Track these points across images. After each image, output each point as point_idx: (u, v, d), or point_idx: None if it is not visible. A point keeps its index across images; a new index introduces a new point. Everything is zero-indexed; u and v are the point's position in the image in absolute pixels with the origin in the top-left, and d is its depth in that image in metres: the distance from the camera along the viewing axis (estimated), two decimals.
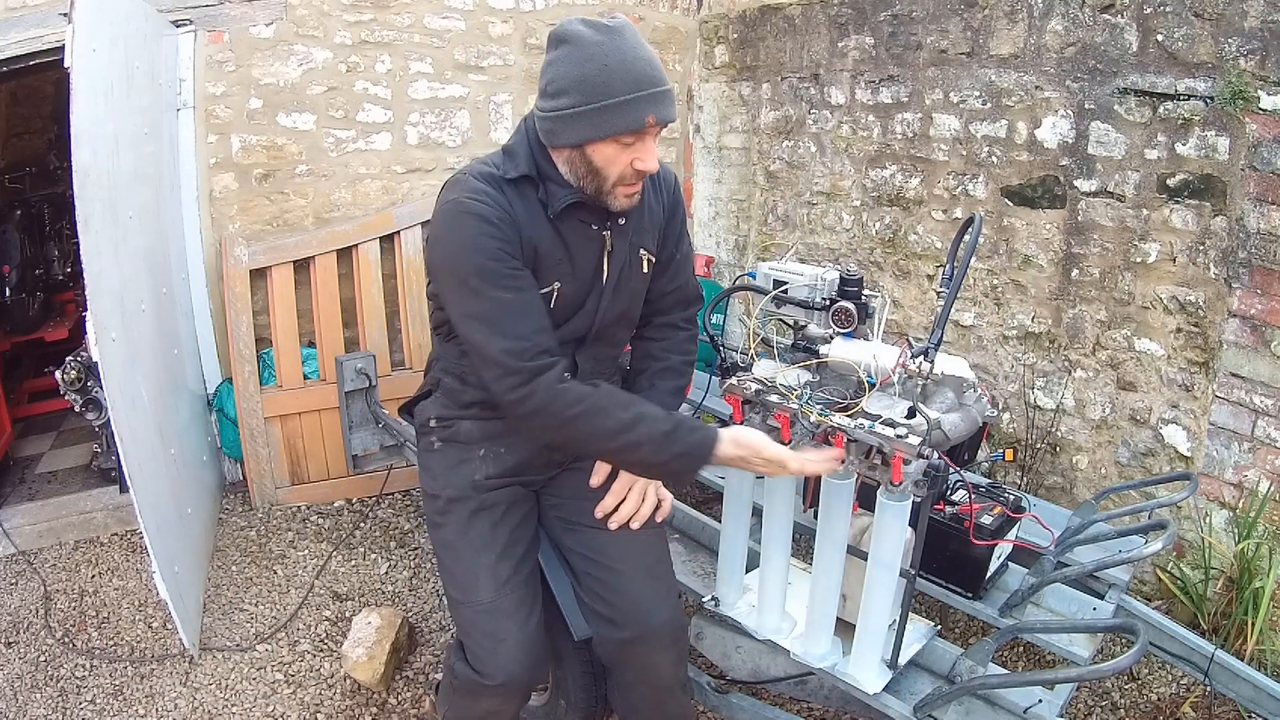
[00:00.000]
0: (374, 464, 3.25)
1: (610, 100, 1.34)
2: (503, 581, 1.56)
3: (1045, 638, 1.75)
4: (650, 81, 1.36)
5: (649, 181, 1.63)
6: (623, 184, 1.45)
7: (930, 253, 3.08)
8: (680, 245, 1.72)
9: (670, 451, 1.43)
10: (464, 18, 3.37)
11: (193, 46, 2.96)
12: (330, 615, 2.55)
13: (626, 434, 1.43)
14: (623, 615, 1.57)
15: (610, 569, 1.59)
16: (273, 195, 3.19)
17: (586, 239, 1.54)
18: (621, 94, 1.34)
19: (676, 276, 1.73)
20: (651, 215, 1.63)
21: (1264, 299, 2.21)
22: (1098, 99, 2.48)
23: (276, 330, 3.10)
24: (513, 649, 1.52)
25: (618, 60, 1.34)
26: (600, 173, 1.43)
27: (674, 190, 1.70)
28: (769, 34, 3.52)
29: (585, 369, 1.61)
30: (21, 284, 3.78)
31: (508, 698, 1.56)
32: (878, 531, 1.45)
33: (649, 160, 1.42)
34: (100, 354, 1.95)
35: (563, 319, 1.55)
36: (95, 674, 2.27)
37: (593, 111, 1.35)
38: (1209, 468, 2.39)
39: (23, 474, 3.36)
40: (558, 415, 1.43)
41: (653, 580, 1.60)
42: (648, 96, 1.36)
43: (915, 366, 1.48)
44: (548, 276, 1.50)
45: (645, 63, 1.37)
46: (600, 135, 1.37)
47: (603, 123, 1.36)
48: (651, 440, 1.43)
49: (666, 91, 1.39)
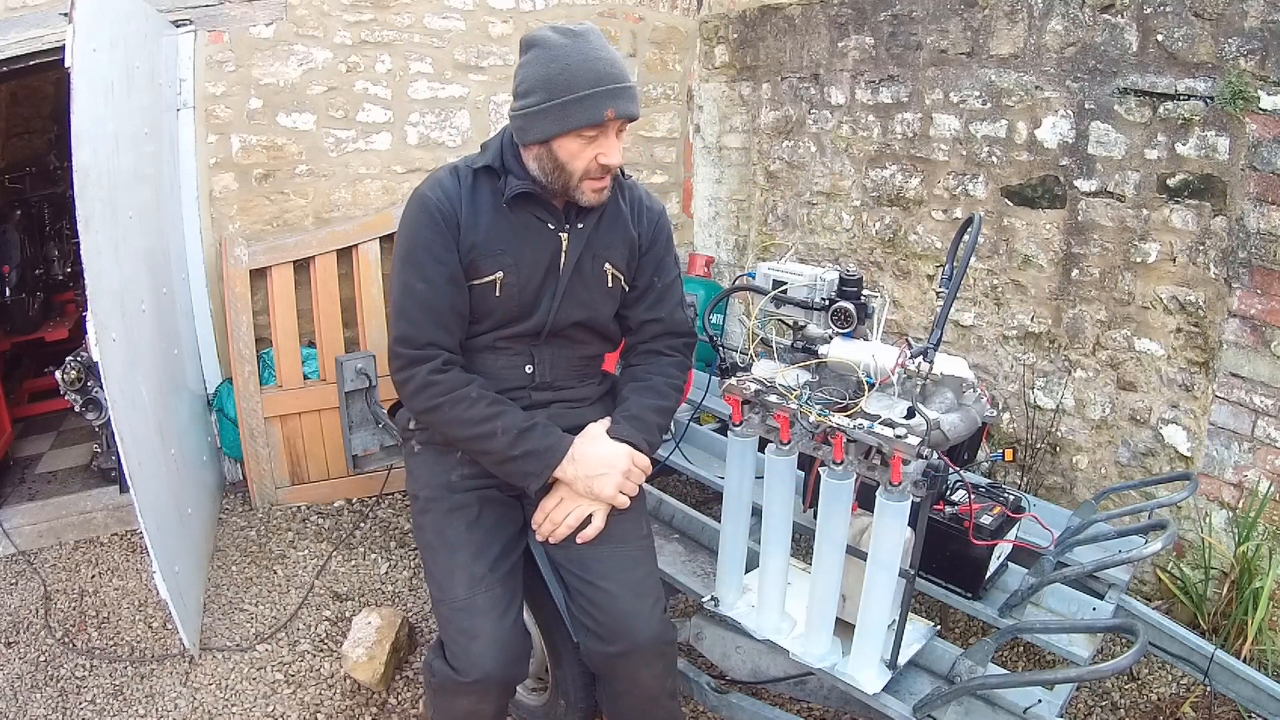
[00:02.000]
0: (374, 464, 3.26)
1: (571, 95, 1.44)
2: (477, 580, 1.57)
3: (1045, 638, 1.75)
4: (610, 78, 1.46)
5: (629, 205, 1.70)
6: (588, 178, 1.53)
7: (930, 253, 3.08)
8: (662, 275, 1.76)
9: (520, 448, 1.55)
10: (464, 18, 3.37)
11: (193, 46, 2.96)
12: (330, 615, 2.55)
13: (485, 424, 1.54)
14: (609, 631, 1.58)
15: (596, 586, 1.60)
16: (273, 195, 3.19)
17: (540, 236, 1.61)
18: (582, 89, 1.44)
19: (658, 307, 1.76)
20: (624, 234, 1.69)
21: (1264, 299, 2.21)
22: (1098, 99, 2.48)
23: (276, 330, 3.10)
24: (486, 646, 1.53)
25: (580, 60, 1.45)
26: (565, 167, 1.51)
27: (658, 220, 1.76)
28: (769, 34, 3.52)
29: (543, 364, 1.67)
30: (21, 284, 3.78)
31: (484, 696, 1.56)
32: (877, 531, 1.45)
33: (612, 154, 1.51)
34: (100, 354, 1.95)
35: (515, 312, 1.62)
36: (95, 674, 2.27)
37: (556, 107, 1.45)
38: (1209, 468, 2.39)
39: (23, 474, 3.36)
40: (426, 401, 1.56)
41: (638, 596, 1.60)
42: (607, 92, 1.45)
43: (915, 366, 1.48)
44: (490, 265, 1.58)
45: (606, 62, 1.47)
46: (563, 129, 1.47)
47: (565, 117, 1.45)
48: (506, 433, 1.55)
49: (627, 88, 1.48)
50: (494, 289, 1.58)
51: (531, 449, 1.56)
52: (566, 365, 1.70)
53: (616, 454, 1.61)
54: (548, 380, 1.68)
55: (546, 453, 1.58)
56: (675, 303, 1.79)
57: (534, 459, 1.57)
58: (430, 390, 1.55)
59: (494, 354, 1.65)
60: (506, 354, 1.65)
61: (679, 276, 1.81)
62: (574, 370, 1.72)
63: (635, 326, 1.77)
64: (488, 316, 1.61)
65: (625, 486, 1.61)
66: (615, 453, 1.61)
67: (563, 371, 1.70)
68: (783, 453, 1.57)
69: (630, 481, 1.62)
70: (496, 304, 1.60)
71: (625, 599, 1.58)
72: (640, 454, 1.64)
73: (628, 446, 1.63)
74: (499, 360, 1.65)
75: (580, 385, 1.73)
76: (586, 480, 1.59)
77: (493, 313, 1.61)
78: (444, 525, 1.63)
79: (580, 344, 1.71)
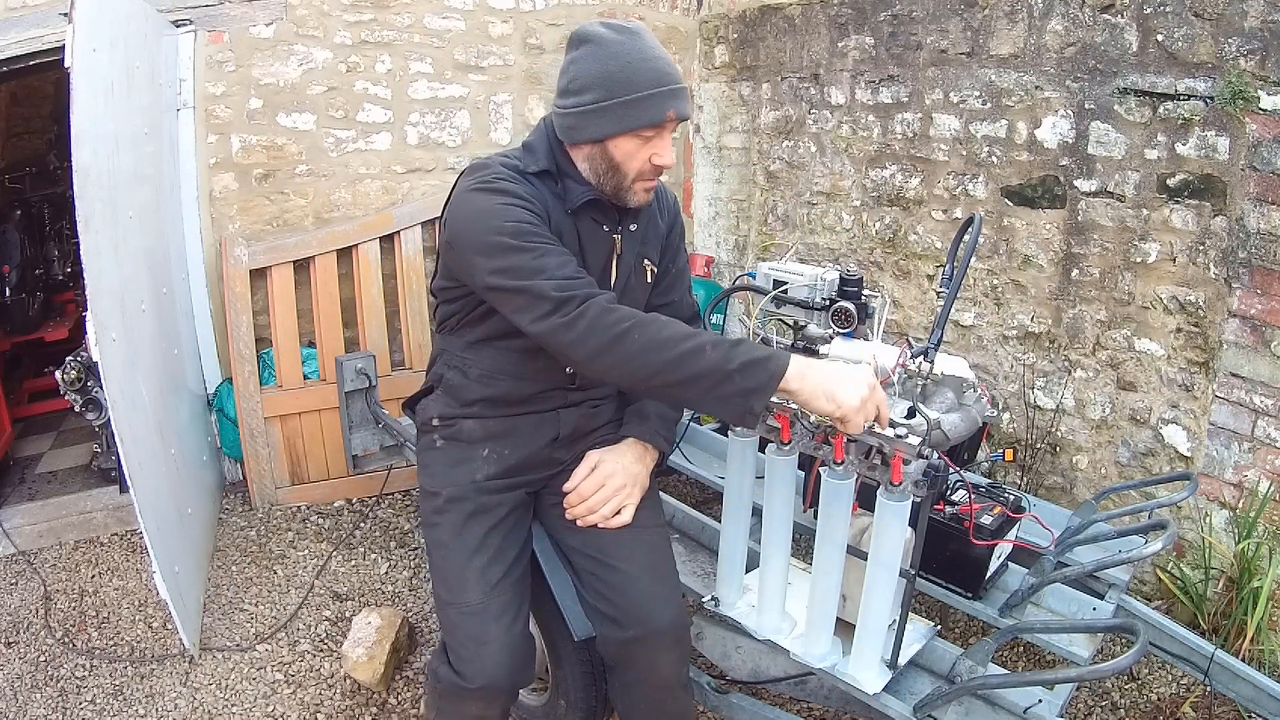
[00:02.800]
0: (374, 464, 3.25)
1: (633, 95, 1.40)
2: (492, 585, 1.56)
3: (1045, 638, 1.75)
4: (670, 78, 1.44)
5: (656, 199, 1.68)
6: (641, 179, 1.50)
7: (930, 253, 3.08)
8: (677, 260, 1.77)
9: (737, 360, 1.29)
10: (464, 18, 3.37)
11: (193, 46, 2.96)
12: (330, 615, 2.55)
13: (688, 341, 1.31)
14: (626, 615, 1.56)
15: (614, 568, 1.59)
16: (273, 195, 3.19)
17: (598, 239, 1.58)
18: (644, 89, 1.40)
19: (670, 291, 1.77)
20: (656, 229, 1.69)
21: (1264, 299, 2.21)
22: (1098, 99, 2.48)
23: (276, 330, 3.10)
24: (496, 652, 1.52)
25: (639, 58, 1.41)
26: (620, 168, 1.48)
27: (674, 208, 1.77)
28: (769, 34, 3.52)
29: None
30: (21, 284, 3.78)
31: (490, 702, 1.55)
32: (878, 531, 1.45)
33: (666, 154, 1.47)
34: (101, 354, 1.95)
35: None
36: (95, 674, 2.27)
37: (617, 106, 1.41)
38: (1209, 468, 2.39)
39: (23, 474, 3.36)
40: (613, 329, 1.33)
41: (657, 580, 1.59)
42: (669, 92, 1.43)
43: (915, 366, 1.49)
44: None
45: (664, 61, 1.44)
46: (623, 129, 1.43)
47: (626, 116, 1.42)
48: (716, 346, 1.30)
49: (684, 89, 1.46)
50: None
51: (750, 359, 1.30)
52: None
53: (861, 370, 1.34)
54: (585, 381, 1.65)
55: (769, 360, 1.30)
56: (686, 286, 1.81)
57: (757, 369, 1.29)
58: (613, 316, 1.34)
59: (533, 356, 1.57)
60: (546, 355, 1.53)
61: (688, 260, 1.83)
62: None
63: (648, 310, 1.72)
64: None
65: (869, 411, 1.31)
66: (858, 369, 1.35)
67: None
68: (783, 453, 1.56)
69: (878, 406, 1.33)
70: None
71: (644, 581, 1.57)
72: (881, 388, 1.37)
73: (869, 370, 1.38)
74: (538, 362, 1.59)
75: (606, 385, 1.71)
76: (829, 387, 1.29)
77: None
78: (463, 527, 1.61)
79: None
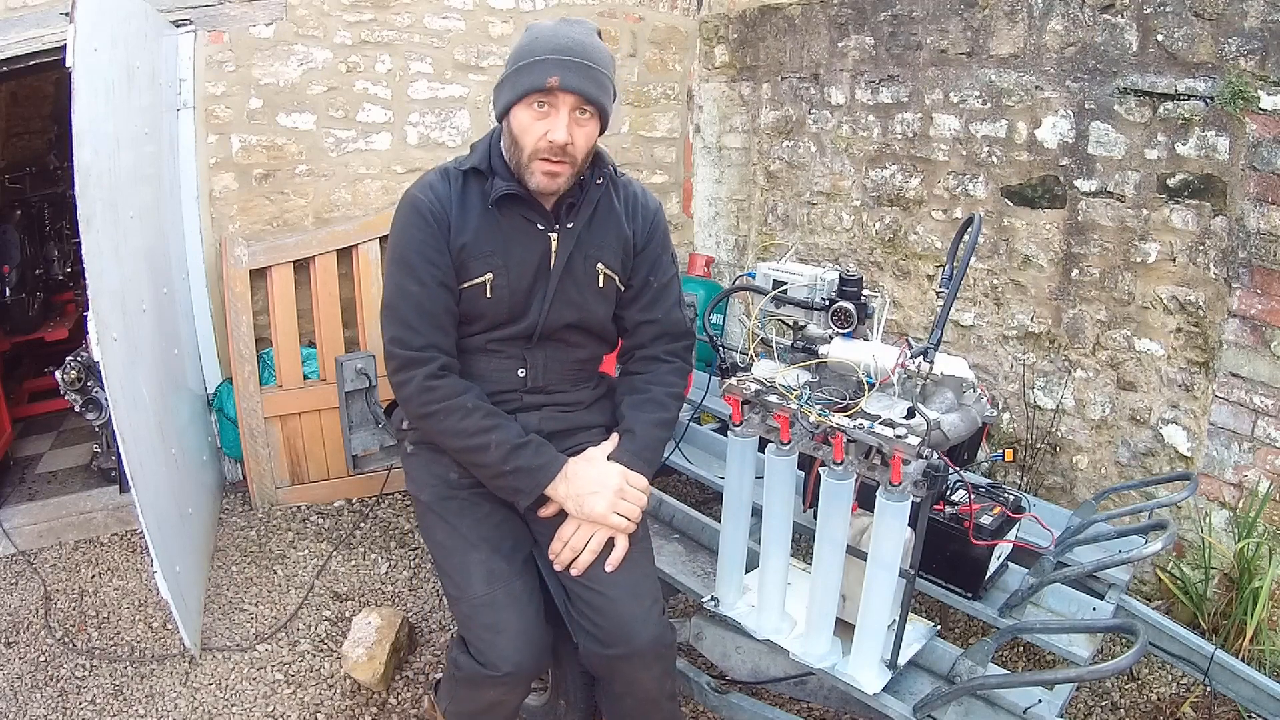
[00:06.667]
0: (374, 464, 3.26)
1: (524, 61, 1.46)
2: (495, 575, 1.58)
3: (1045, 638, 1.75)
4: (565, 50, 1.44)
5: (624, 203, 1.68)
6: (538, 157, 1.50)
7: (930, 253, 3.08)
8: (658, 274, 1.72)
9: (512, 464, 1.53)
10: (464, 18, 3.37)
11: (193, 46, 2.96)
12: (330, 615, 2.55)
13: (478, 436, 1.53)
14: (608, 635, 1.57)
15: (594, 590, 1.59)
16: (273, 195, 3.19)
17: (529, 236, 1.59)
18: (535, 56, 1.45)
19: (654, 308, 1.73)
20: (618, 232, 1.66)
21: (1264, 299, 2.21)
22: (1098, 99, 2.48)
23: (276, 330, 3.10)
24: (513, 638, 1.54)
25: (549, 35, 1.47)
26: (518, 142, 1.51)
27: (653, 218, 1.73)
28: (769, 34, 3.52)
29: (536, 368, 1.65)
30: (21, 284, 3.78)
31: (512, 687, 1.58)
32: (877, 531, 1.45)
33: (557, 130, 1.46)
34: (101, 354, 1.95)
35: (506, 314, 1.60)
36: (95, 674, 2.27)
37: (511, 75, 1.49)
38: (1209, 468, 2.39)
39: (23, 474, 3.36)
40: (422, 407, 1.54)
41: (636, 600, 1.59)
42: (556, 60, 1.43)
43: (915, 366, 1.48)
44: (479, 267, 1.57)
45: (570, 39, 1.46)
46: (515, 96, 1.47)
47: (517, 83, 1.47)
48: (499, 447, 1.53)
49: (581, 64, 1.45)
50: (484, 291, 1.57)
51: (523, 465, 1.55)
52: (560, 369, 1.68)
53: (609, 473, 1.59)
54: (540, 384, 1.67)
55: (539, 470, 1.56)
56: (672, 303, 1.75)
57: (525, 476, 1.55)
58: (426, 396, 1.53)
59: (486, 356, 1.64)
60: (499, 357, 1.64)
61: (676, 276, 1.78)
62: (568, 374, 1.70)
63: (631, 328, 1.74)
64: (479, 319, 1.60)
65: (619, 506, 1.57)
66: (608, 472, 1.59)
67: (556, 375, 1.68)
68: (783, 453, 1.57)
69: (626, 501, 1.59)
70: (487, 306, 1.58)
71: (624, 602, 1.58)
72: (635, 474, 1.62)
73: (621, 466, 1.60)
74: (491, 363, 1.64)
75: (574, 389, 1.72)
76: (578, 499, 1.56)
77: (484, 315, 1.59)
78: (453, 524, 1.63)
79: (574, 346, 1.69)
